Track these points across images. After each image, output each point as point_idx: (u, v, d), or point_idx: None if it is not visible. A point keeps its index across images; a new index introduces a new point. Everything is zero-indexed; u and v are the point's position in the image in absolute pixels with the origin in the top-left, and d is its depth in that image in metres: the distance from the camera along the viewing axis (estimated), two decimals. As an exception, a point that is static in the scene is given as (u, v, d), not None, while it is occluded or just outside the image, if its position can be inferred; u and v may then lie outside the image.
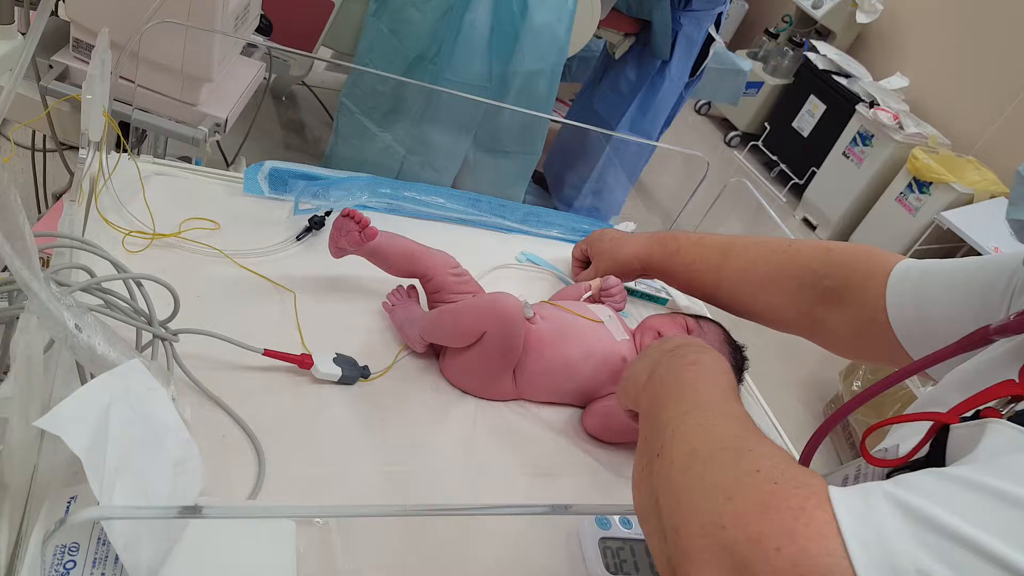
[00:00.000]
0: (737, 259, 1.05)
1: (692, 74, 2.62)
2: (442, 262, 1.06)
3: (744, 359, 1.12)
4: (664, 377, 0.68)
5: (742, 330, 1.14)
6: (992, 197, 3.58)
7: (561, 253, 1.38)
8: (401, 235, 1.06)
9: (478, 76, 1.69)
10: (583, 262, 1.29)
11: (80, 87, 1.25)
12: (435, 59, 1.65)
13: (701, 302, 1.45)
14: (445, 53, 1.64)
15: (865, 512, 0.39)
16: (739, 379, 1.11)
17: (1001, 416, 0.47)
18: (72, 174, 1.48)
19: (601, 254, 1.22)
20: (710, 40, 2.55)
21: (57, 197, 1.69)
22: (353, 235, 1.00)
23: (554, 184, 2.96)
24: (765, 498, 0.43)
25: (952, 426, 0.51)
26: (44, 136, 1.59)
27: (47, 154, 1.68)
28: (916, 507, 0.38)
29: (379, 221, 1.28)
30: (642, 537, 0.87)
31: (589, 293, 1.16)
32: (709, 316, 1.20)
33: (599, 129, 2.38)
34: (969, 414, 0.51)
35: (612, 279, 1.18)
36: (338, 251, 1.04)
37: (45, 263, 0.81)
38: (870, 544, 0.38)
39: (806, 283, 0.96)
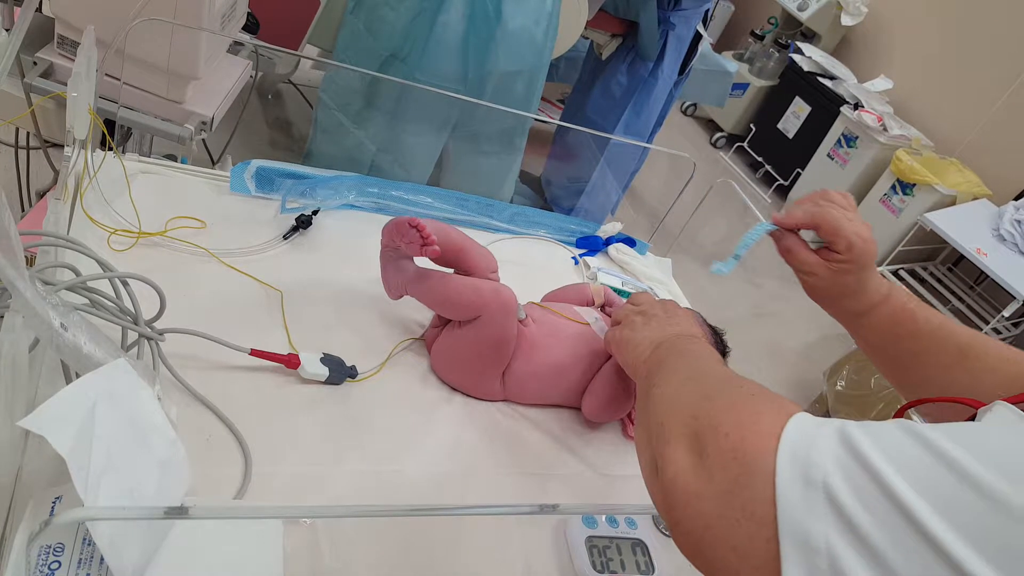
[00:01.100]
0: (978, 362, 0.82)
1: (680, 72, 2.63)
2: (485, 265, 1.05)
3: (725, 344, 1.12)
4: (668, 350, 0.74)
5: (730, 331, 1.14)
6: (975, 199, 3.62)
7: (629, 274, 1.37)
8: (448, 226, 1.04)
9: (451, 77, 1.69)
10: (802, 228, 0.92)
11: (65, 84, 1.24)
12: (407, 59, 1.65)
13: (687, 304, 1.45)
14: (416, 53, 1.64)
15: (812, 430, 0.44)
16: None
17: None
18: (56, 172, 1.46)
19: (858, 235, 0.87)
20: (698, 37, 2.56)
21: (41, 195, 1.68)
22: (414, 246, 0.95)
23: (549, 189, 2.97)
24: (736, 401, 0.50)
25: (979, 410, 0.52)
26: (28, 133, 1.58)
27: (31, 151, 1.67)
28: (854, 438, 0.41)
29: (367, 220, 1.29)
30: (629, 536, 0.87)
31: (596, 315, 1.11)
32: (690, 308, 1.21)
33: (593, 131, 2.38)
34: None
35: (614, 295, 1.16)
36: (391, 249, 1.01)
37: (30, 262, 0.80)
38: (797, 451, 0.42)
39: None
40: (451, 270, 1.04)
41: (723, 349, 1.12)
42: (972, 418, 0.53)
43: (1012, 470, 0.36)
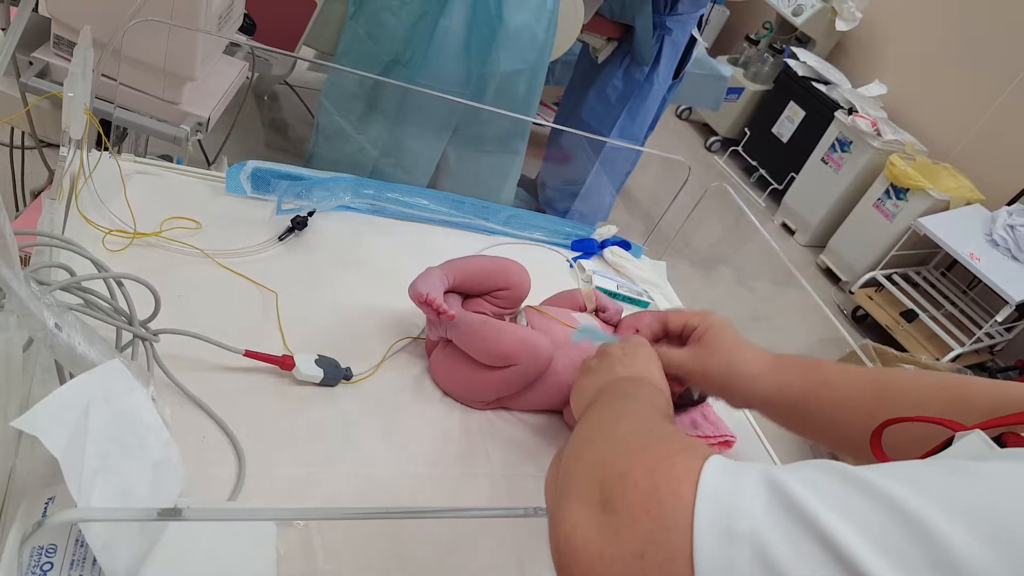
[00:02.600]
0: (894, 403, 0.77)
1: (675, 76, 2.64)
2: (518, 280, 1.08)
3: None
4: (605, 393, 0.70)
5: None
6: (968, 204, 3.63)
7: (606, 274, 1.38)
8: (471, 258, 1.08)
9: (453, 80, 1.69)
10: (663, 335, 0.94)
11: (60, 84, 1.24)
12: (409, 63, 1.65)
13: (681, 307, 1.46)
14: (418, 58, 1.64)
15: (733, 473, 0.38)
16: None
17: (1023, 440, 0.44)
18: (51, 171, 1.46)
19: (709, 345, 0.87)
20: (693, 42, 2.57)
21: (36, 195, 1.67)
22: (432, 320, 1.00)
23: (543, 191, 2.97)
24: (646, 445, 0.44)
25: (956, 434, 0.48)
26: (23, 133, 1.57)
27: (25, 151, 1.66)
28: (784, 483, 0.36)
29: (363, 222, 1.29)
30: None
31: (594, 322, 1.11)
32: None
33: (586, 134, 2.39)
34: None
35: (606, 299, 1.16)
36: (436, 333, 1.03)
37: (25, 261, 0.80)
38: (719, 498, 0.37)
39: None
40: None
41: None
42: (949, 442, 0.49)
43: (966, 515, 0.32)
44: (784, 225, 4.34)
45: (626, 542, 0.38)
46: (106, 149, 1.09)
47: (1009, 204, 3.54)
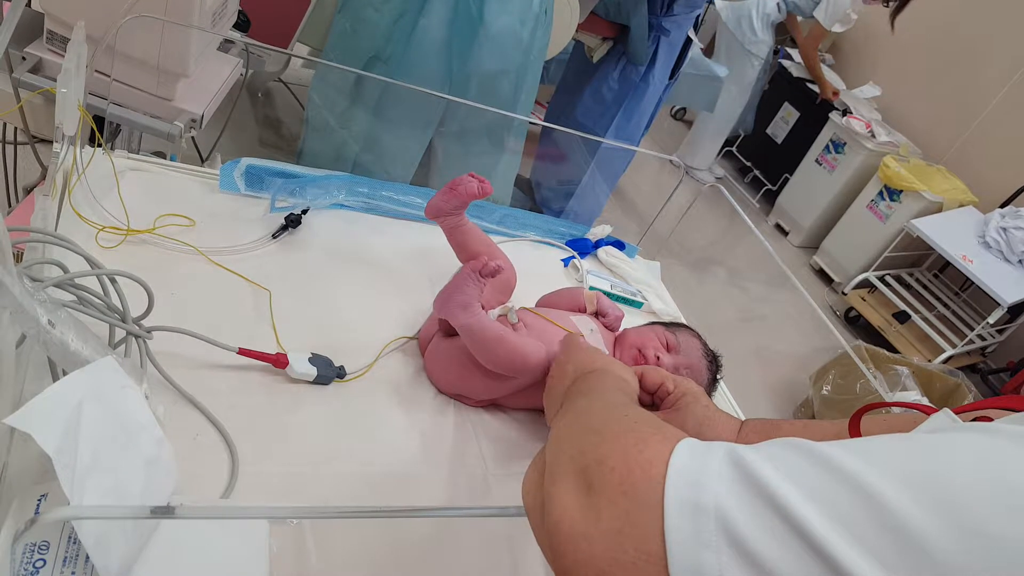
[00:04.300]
0: None
1: (671, 76, 2.64)
2: (511, 272, 1.12)
3: (718, 367, 1.12)
4: (574, 391, 0.72)
5: (718, 335, 1.15)
6: (961, 206, 3.65)
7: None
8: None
9: (433, 78, 1.69)
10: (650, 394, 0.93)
11: (53, 80, 1.23)
12: (389, 60, 1.66)
13: (675, 307, 1.46)
14: (398, 54, 1.64)
15: (701, 453, 0.41)
16: (713, 387, 1.11)
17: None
18: (44, 167, 1.45)
19: (681, 412, 0.88)
20: (688, 42, 2.58)
21: (28, 191, 1.67)
22: (472, 186, 1.03)
23: (536, 189, 2.97)
24: (621, 431, 0.47)
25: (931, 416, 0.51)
26: (15, 128, 1.56)
27: (17, 146, 1.65)
28: (746, 459, 0.39)
29: (356, 220, 1.28)
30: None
31: (592, 325, 1.11)
32: (684, 323, 1.21)
33: (580, 133, 2.39)
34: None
35: (607, 303, 1.16)
36: (436, 210, 1.07)
37: (18, 258, 0.79)
38: (686, 476, 0.39)
39: None
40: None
41: (715, 373, 1.11)
42: None
43: (912, 484, 0.35)
44: (778, 226, 4.36)
45: (606, 520, 0.41)
46: (99, 145, 1.09)
47: (1002, 206, 3.55)
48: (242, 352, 0.89)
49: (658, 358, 1.05)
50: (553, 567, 0.44)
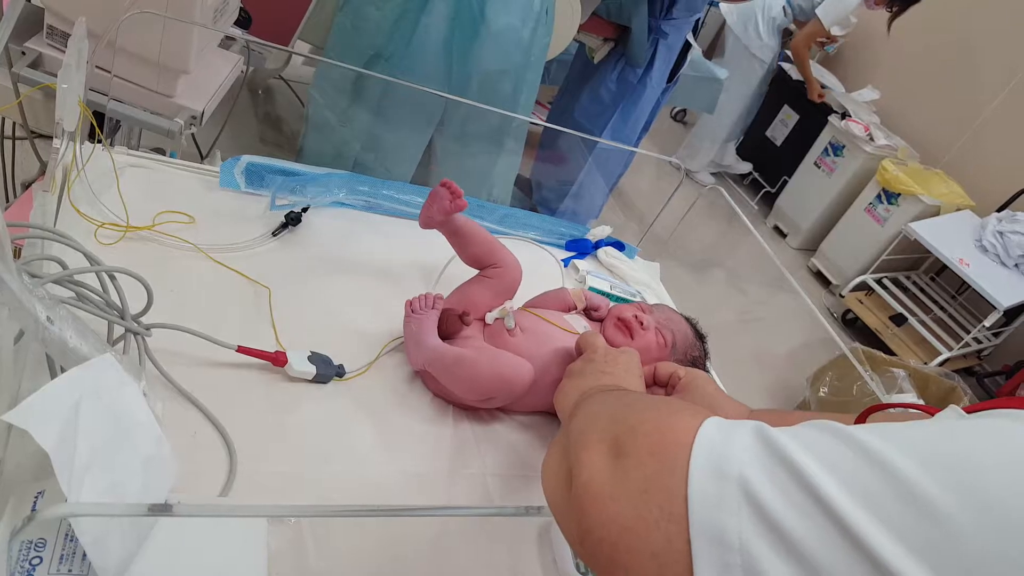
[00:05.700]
0: None
1: (669, 79, 2.65)
2: (514, 271, 1.11)
3: (703, 337, 1.15)
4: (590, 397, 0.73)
5: (717, 336, 1.15)
6: (958, 209, 3.65)
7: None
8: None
9: (434, 77, 1.69)
10: (652, 382, 1.00)
11: (52, 75, 1.23)
12: (390, 58, 1.66)
13: (671, 301, 1.46)
14: (399, 52, 1.64)
15: (728, 427, 0.43)
16: (704, 359, 1.14)
17: None
18: (43, 163, 1.45)
19: (691, 394, 0.95)
20: (687, 46, 2.58)
21: (26, 186, 1.66)
22: (444, 203, 1.04)
23: (538, 190, 2.97)
24: (653, 405, 0.50)
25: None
26: (14, 123, 1.56)
27: (16, 141, 1.65)
28: (771, 433, 0.40)
29: (357, 218, 1.28)
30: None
31: (585, 323, 1.12)
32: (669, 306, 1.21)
33: (579, 134, 2.39)
34: None
35: (597, 297, 1.17)
36: (427, 220, 1.09)
37: (16, 254, 0.79)
38: (714, 445, 0.41)
39: None
40: (439, 293, 1.05)
41: (702, 350, 1.13)
42: None
43: (934, 463, 0.35)
44: (776, 228, 4.36)
45: (633, 480, 0.43)
46: (99, 141, 1.09)
47: (999, 210, 3.56)
48: (241, 350, 0.89)
49: (637, 318, 1.09)
50: (575, 530, 0.45)
